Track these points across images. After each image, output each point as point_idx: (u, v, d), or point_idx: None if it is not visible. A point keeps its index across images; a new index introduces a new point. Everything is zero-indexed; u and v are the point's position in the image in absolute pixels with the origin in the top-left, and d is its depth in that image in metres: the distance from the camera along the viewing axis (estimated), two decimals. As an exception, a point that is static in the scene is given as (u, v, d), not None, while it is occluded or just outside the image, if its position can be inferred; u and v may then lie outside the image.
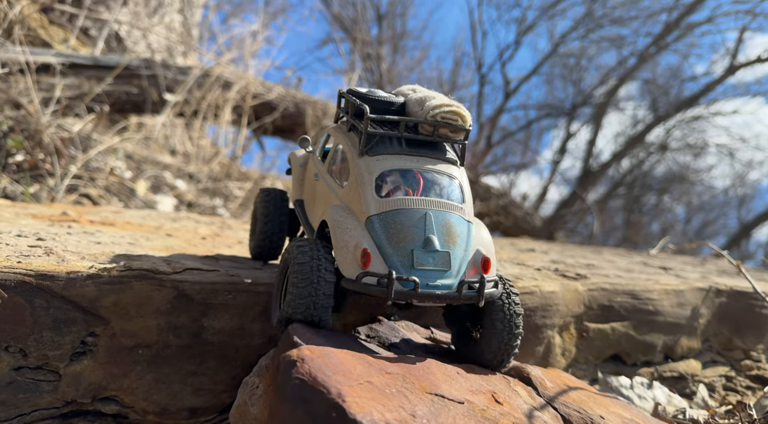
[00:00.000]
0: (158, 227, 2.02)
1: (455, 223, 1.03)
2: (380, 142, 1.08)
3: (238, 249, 1.73)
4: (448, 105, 1.07)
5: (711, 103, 8.91)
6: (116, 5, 4.28)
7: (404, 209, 1.01)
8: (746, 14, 8.20)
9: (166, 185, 3.51)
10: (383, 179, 1.04)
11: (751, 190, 10.51)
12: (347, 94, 1.17)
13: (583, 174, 9.35)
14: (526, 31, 9.02)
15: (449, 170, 1.09)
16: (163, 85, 3.78)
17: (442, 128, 1.08)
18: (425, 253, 0.98)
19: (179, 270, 1.18)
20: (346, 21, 9.34)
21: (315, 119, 4.34)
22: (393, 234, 0.99)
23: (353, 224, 1.02)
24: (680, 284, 1.96)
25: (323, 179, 1.21)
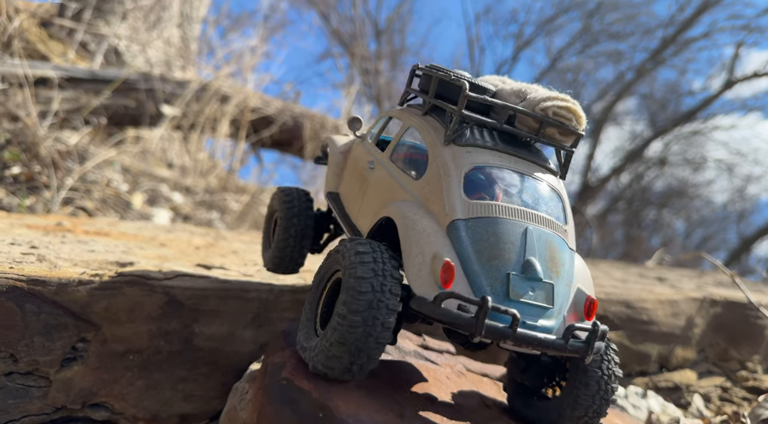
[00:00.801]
0: (153, 238, 2.03)
1: (559, 248, 0.82)
2: (471, 133, 0.87)
3: (231, 259, 1.73)
4: (563, 99, 0.87)
5: (709, 118, 8.97)
6: (115, 20, 4.34)
7: (500, 219, 0.80)
8: (742, 29, 8.30)
9: (162, 198, 3.52)
10: (475, 176, 0.84)
11: (751, 204, 10.52)
12: (430, 68, 0.95)
13: (582, 188, 9.38)
14: (523, 46, 9.12)
15: (552, 181, 0.89)
16: (161, 98, 3.82)
17: (551, 127, 0.87)
18: (524, 280, 0.77)
19: (171, 276, 1.19)
20: (344, 36, 9.45)
21: (313, 133, 4.37)
22: (484, 248, 0.78)
23: (432, 227, 0.80)
24: (675, 294, 1.96)
25: (383, 168, 0.98)
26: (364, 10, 9.53)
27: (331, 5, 9.53)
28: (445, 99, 0.89)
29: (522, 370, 0.94)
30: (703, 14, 8.19)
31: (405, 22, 9.95)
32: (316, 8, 9.40)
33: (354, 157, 1.11)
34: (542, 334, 0.75)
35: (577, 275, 0.84)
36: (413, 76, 1.01)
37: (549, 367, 0.93)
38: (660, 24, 8.53)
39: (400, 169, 0.94)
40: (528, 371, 0.94)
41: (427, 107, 0.94)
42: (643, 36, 8.66)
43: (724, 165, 9.46)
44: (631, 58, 8.75)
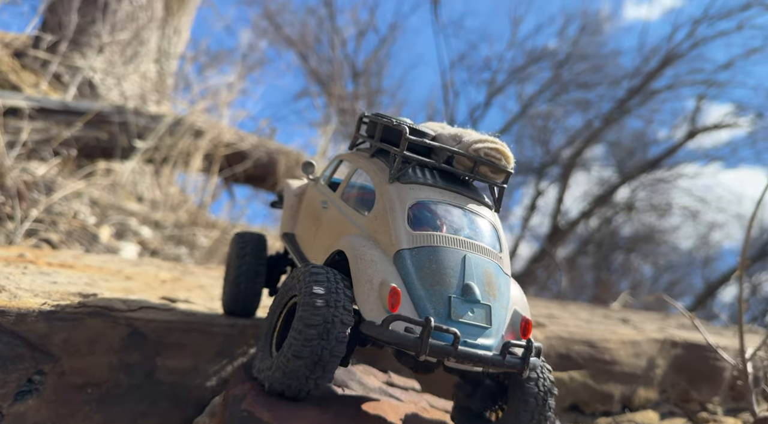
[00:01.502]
0: (118, 271, 2.00)
1: (495, 273, 0.89)
2: (412, 171, 0.95)
3: (198, 293, 1.71)
4: (492, 141, 0.96)
5: (673, 166, 9.33)
6: (92, 53, 4.35)
7: (441, 247, 0.86)
8: (703, 83, 8.76)
9: (130, 232, 3.47)
10: (418, 210, 0.91)
11: (715, 251, 10.84)
12: (375, 115, 1.05)
13: (552, 231, 9.56)
14: (495, 92, 9.43)
15: (486, 214, 0.97)
16: (134, 131, 3.81)
17: (483, 166, 0.96)
18: (464, 302, 0.83)
19: (135, 308, 1.18)
20: (322, 76, 9.63)
21: (288, 169, 4.39)
22: (427, 275, 0.83)
23: (379, 256, 0.86)
24: (637, 334, 2.00)
25: (335, 206, 1.05)
26: (342, 52, 9.78)
27: (310, 46, 9.76)
28: (389, 142, 0.98)
29: (468, 394, 0.99)
30: (666, 68, 8.63)
31: (382, 65, 10.22)
32: (296, 48, 9.61)
33: (308, 199, 1.20)
34: (482, 351, 0.81)
35: (513, 298, 0.91)
36: (361, 123, 1.10)
37: (492, 390, 0.98)
38: (626, 75, 8.95)
39: (350, 206, 1.01)
40: (473, 395, 0.98)
41: (373, 150, 1.03)
42: (610, 86, 9.06)
43: (689, 212, 9.78)
44: (599, 106, 9.11)
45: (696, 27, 8.47)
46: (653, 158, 9.19)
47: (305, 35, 9.69)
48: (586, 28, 9.32)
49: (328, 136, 5.40)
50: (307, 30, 9.76)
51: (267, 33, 9.55)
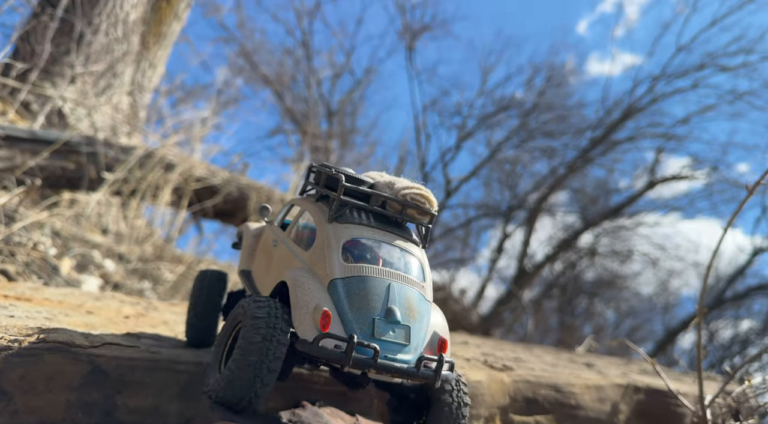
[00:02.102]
0: (79, 305, 1.93)
1: (416, 299, 1.03)
2: (350, 213, 1.09)
3: (162, 329, 1.67)
4: (417, 188, 1.11)
5: (634, 214, 9.64)
6: (63, 83, 4.31)
7: (369, 277, 1.00)
8: (662, 136, 9.17)
9: (93, 265, 3.37)
10: (351, 246, 1.04)
11: (674, 298, 11.12)
12: (320, 166, 1.20)
13: (518, 274, 9.67)
14: (466, 137, 9.66)
15: (412, 249, 1.11)
16: (102, 163, 3.75)
17: (410, 209, 1.11)
18: (386, 323, 0.96)
19: (97, 344, 1.14)
20: (297, 115, 9.73)
21: (258, 204, 4.37)
22: (355, 300, 0.97)
23: (315, 285, 1.00)
24: (601, 379, 2.03)
25: (284, 244, 1.20)
26: (317, 91, 9.92)
27: (286, 85, 9.87)
28: (331, 189, 1.14)
29: (395, 409, 1.14)
30: (627, 120, 9.03)
31: (356, 106, 10.40)
32: (271, 87, 9.71)
33: (263, 239, 1.36)
34: (399, 364, 0.95)
35: (434, 321, 1.05)
36: (309, 172, 1.27)
37: (417, 404, 1.12)
38: (589, 126, 9.31)
39: (296, 244, 1.15)
40: (399, 410, 1.13)
41: (318, 195, 1.18)
42: (574, 136, 9.40)
43: (649, 259, 10.06)
44: (564, 154, 9.42)
45: (655, 84, 8.94)
46: (615, 206, 9.49)
47: (281, 74, 9.83)
48: (552, 80, 9.73)
49: (300, 173, 5.41)
50: (283, 69, 9.90)
51: (243, 71, 9.66)
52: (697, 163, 9.11)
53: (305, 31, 9.87)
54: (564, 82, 9.85)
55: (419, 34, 9.80)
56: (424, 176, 9.58)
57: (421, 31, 9.80)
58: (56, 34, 4.32)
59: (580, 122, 9.46)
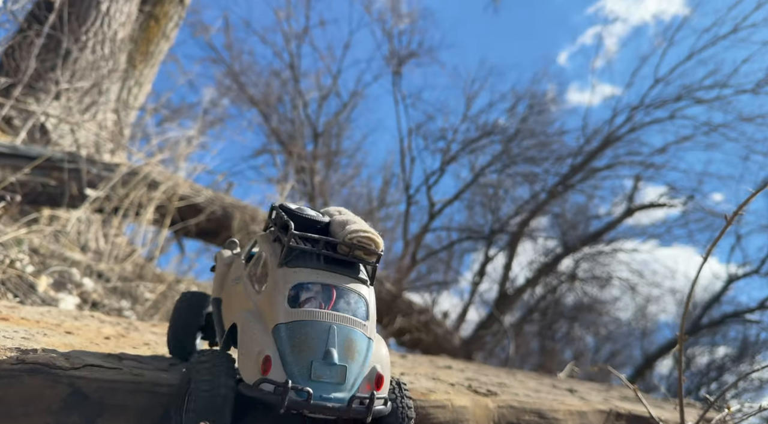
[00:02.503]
0: (58, 324, 1.89)
1: (357, 339, 1.09)
2: (300, 256, 1.15)
3: (143, 350, 1.64)
4: (365, 231, 1.18)
5: (613, 240, 9.77)
6: (47, 98, 4.28)
7: (311, 321, 1.06)
8: (639, 165, 9.37)
9: (71, 283, 3.30)
10: (297, 290, 1.11)
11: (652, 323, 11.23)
12: (278, 208, 1.26)
13: (500, 297, 9.69)
14: (449, 161, 9.76)
15: (359, 289, 1.17)
16: (85, 179, 3.71)
17: (357, 250, 1.17)
18: (323, 365, 1.03)
19: (78, 366, 1.12)
20: (283, 135, 9.74)
21: (242, 224, 4.34)
22: (296, 344, 1.04)
23: (260, 330, 1.07)
24: (584, 405, 2.04)
25: (243, 283, 1.26)
26: (304, 113, 9.96)
27: (273, 106, 9.90)
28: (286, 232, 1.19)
29: None
30: (606, 148, 9.21)
31: (342, 127, 10.45)
32: (258, 107, 9.73)
33: (232, 270, 1.42)
34: (332, 403, 1.01)
35: (374, 357, 1.11)
36: (272, 209, 1.31)
37: None
38: (570, 153, 9.48)
39: (252, 284, 1.21)
40: None
41: (273, 237, 1.24)
42: (555, 162, 9.55)
43: (628, 284, 10.17)
44: (545, 180, 9.55)
45: (633, 113, 9.16)
46: (594, 232, 9.63)
47: (268, 95, 9.86)
48: (533, 108, 9.92)
49: (284, 193, 5.41)
50: (270, 90, 9.94)
51: (230, 91, 9.67)
52: (673, 191, 9.32)
53: (293, 53, 9.96)
54: (545, 110, 10.05)
55: (405, 60, 9.94)
56: (408, 199, 9.63)
57: (408, 57, 9.95)
58: (42, 50, 4.30)
59: (561, 149, 9.64)
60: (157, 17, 5.23)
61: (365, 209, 10.08)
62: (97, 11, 4.69)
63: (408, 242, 9.24)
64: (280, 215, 1.22)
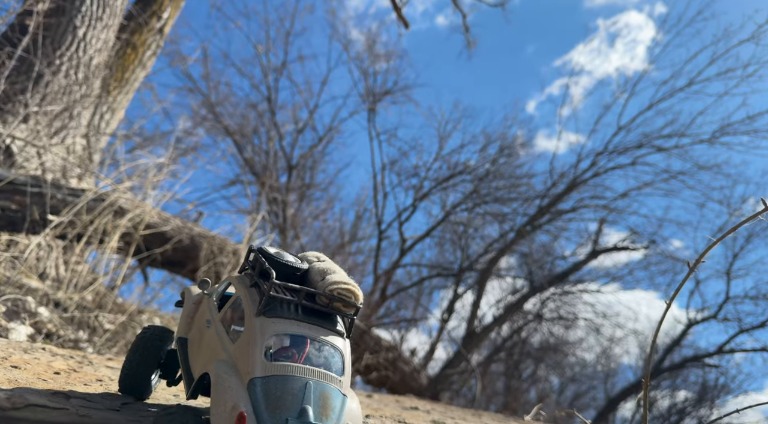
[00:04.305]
0: (5, 357, 1.82)
1: (332, 395, 1.08)
2: (278, 306, 1.14)
3: (95, 387, 1.59)
4: (345, 283, 1.17)
5: (578, 281, 9.94)
6: (15, 120, 4.21)
7: (287, 376, 1.04)
8: (603, 209, 9.63)
9: (25, 312, 3.19)
10: (274, 343, 1.09)
11: (615, 365, 11.35)
12: (257, 252, 1.24)
13: (468, 335, 9.68)
14: (422, 197, 9.86)
15: (335, 342, 1.16)
16: (48, 204, 3.63)
17: (337, 303, 1.16)
18: (299, 423, 1.01)
19: (19, 406, 1.08)
20: (256, 166, 9.72)
21: (210, 254, 4.27)
22: (272, 400, 1.00)
23: (235, 383, 1.04)
24: (543, 451, 2.04)
25: (215, 328, 1.23)
26: (279, 145, 9.98)
27: (248, 137, 9.90)
28: (265, 278, 1.18)
29: None
30: (572, 191, 9.45)
31: (316, 161, 10.48)
32: (233, 137, 9.71)
33: (201, 310, 1.37)
34: None
35: (348, 413, 1.09)
36: (249, 251, 1.28)
37: None
38: (537, 195, 9.69)
39: (225, 331, 1.18)
40: None
41: (251, 282, 1.21)
42: (523, 203, 9.74)
43: (592, 325, 10.30)
44: (513, 220, 9.71)
45: (597, 159, 9.45)
46: (560, 272, 9.79)
47: (244, 126, 9.87)
48: (503, 150, 10.15)
49: (255, 224, 5.37)
50: (246, 122, 9.95)
51: (205, 120, 9.65)
52: (635, 235, 9.58)
53: (270, 87, 10.03)
54: (515, 153, 10.29)
55: (381, 98, 10.11)
56: (380, 234, 9.64)
57: (383, 95, 10.12)
58: (13, 72, 4.24)
59: (529, 191, 9.85)
60: (134, 45, 5.24)
61: (336, 243, 10.05)
62: (73, 36, 4.68)
63: (378, 277, 9.21)
64: (260, 261, 1.19)
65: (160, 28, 5.52)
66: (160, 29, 5.52)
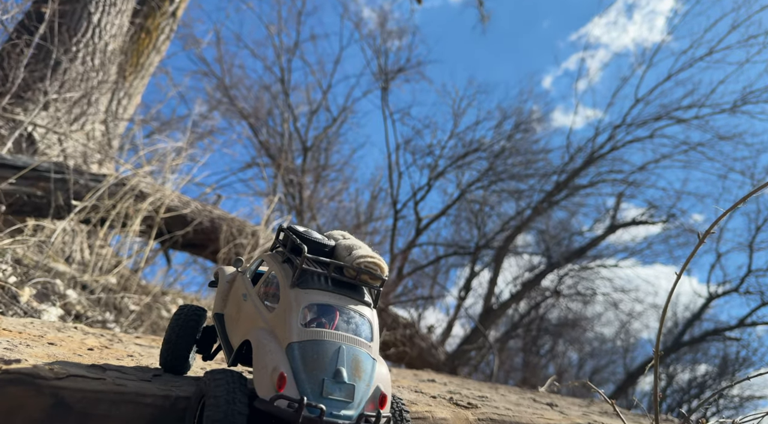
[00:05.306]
0: (41, 335, 1.89)
1: (363, 359, 1.15)
2: (310, 278, 1.22)
3: (127, 361, 1.65)
4: (371, 256, 1.25)
5: (596, 257, 9.88)
6: (35, 108, 4.28)
7: (322, 341, 1.13)
8: (621, 183, 9.52)
9: (55, 294, 3.28)
10: (308, 311, 1.17)
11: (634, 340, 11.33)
12: (288, 230, 1.33)
13: (485, 312, 9.73)
14: (437, 176, 9.84)
15: (363, 311, 1.24)
16: (71, 190, 3.70)
17: (364, 275, 1.24)
18: (334, 383, 1.09)
19: (62, 376, 1.13)
20: (272, 149, 9.77)
21: (230, 236, 4.34)
22: (309, 362, 1.10)
23: (275, 347, 1.12)
24: (563, 419, 2.07)
25: (252, 301, 1.32)
26: (293, 127, 10.01)
27: (262, 119, 9.94)
28: (296, 254, 1.27)
29: None
30: (589, 166, 9.35)
31: (331, 142, 10.51)
32: (247, 120, 9.76)
33: (236, 287, 1.46)
34: (342, 420, 1.07)
35: (377, 377, 1.18)
36: (279, 231, 1.38)
37: None
38: (554, 170, 9.61)
39: (262, 302, 1.27)
40: None
41: (284, 258, 1.30)
42: (539, 179, 9.68)
43: (611, 301, 10.27)
44: (530, 197, 9.66)
45: (615, 132, 9.33)
46: (578, 248, 9.73)
47: (258, 109, 9.91)
48: (519, 126, 10.06)
49: (272, 206, 5.42)
50: (260, 104, 9.99)
51: (220, 104, 9.70)
52: (653, 209, 9.47)
53: (284, 67, 10.03)
54: (531, 128, 10.20)
55: (394, 76, 10.05)
56: (395, 214, 9.67)
57: (396, 73, 10.06)
58: (31, 60, 4.30)
59: (546, 167, 9.77)
60: (148, 30, 5.27)
61: (353, 224, 10.11)
62: (88, 22, 4.71)
63: (395, 257, 9.27)
64: (291, 238, 1.29)
65: (172, 11, 5.53)
66: (173, 13, 5.54)
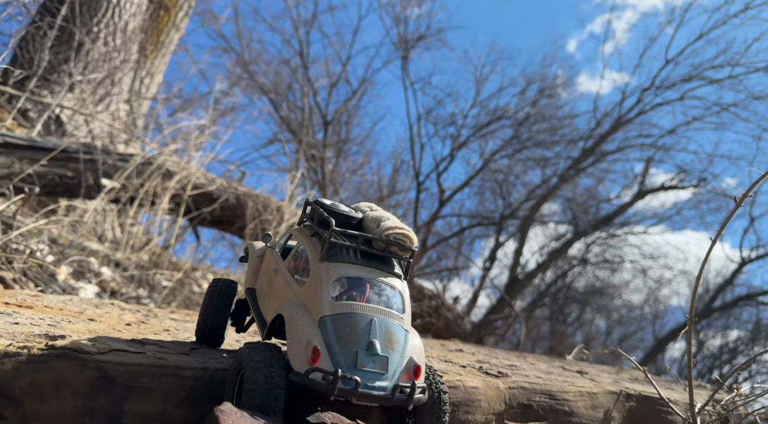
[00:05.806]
0: (81, 312, 1.96)
1: (395, 330, 1.15)
2: (339, 251, 1.21)
3: (164, 336, 1.70)
4: (400, 228, 1.23)
5: (624, 224, 9.72)
6: (61, 90, 4.33)
7: (354, 314, 1.13)
8: (650, 147, 9.28)
9: (90, 272, 3.38)
10: (338, 285, 1.17)
11: (664, 306, 11.21)
12: (314, 204, 1.32)
13: (510, 282, 9.71)
14: (459, 146, 9.73)
15: (394, 283, 1.23)
16: (100, 170, 3.77)
17: (393, 247, 1.23)
18: (368, 355, 1.09)
19: (104, 350, 1.17)
20: (293, 124, 9.77)
21: (255, 212, 4.39)
22: (342, 335, 1.10)
23: (308, 321, 1.13)
24: (594, 386, 2.07)
25: (283, 275, 1.32)
26: (313, 101, 9.97)
27: (282, 94, 9.92)
28: (324, 227, 1.26)
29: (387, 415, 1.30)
30: (617, 131, 9.13)
31: (351, 115, 10.46)
32: (268, 96, 9.75)
33: (266, 262, 1.47)
34: (377, 391, 1.09)
35: (411, 348, 1.18)
36: (306, 205, 1.38)
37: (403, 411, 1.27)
38: (581, 136, 9.41)
39: (292, 276, 1.28)
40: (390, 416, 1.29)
41: (312, 231, 1.29)
42: (566, 146, 9.49)
43: (639, 268, 10.14)
44: (556, 164, 9.50)
45: (643, 95, 9.06)
46: (606, 216, 9.58)
47: (278, 84, 9.88)
48: (543, 92, 9.83)
49: (295, 181, 5.45)
50: (280, 79, 9.96)
51: (241, 80, 9.70)
52: (684, 173, 9.23)
53: (302, 40, 9.95)
54: (555, 94, 9.97)
55: (414, 44, 9.89)
56: (418, 186, 9.63)
57: (416, 41, 9.89)
58: (55, 42, 4.34)
59: (572, 133, 9.57)
60: (167, 7, 5.26)
61: (375, 197, 10.11)
62: (107, 2, 4.72)
63: (418, 229, 9.27)
64: (318, 212, 1.28)
65: (189, -13, 5.49)
66: (190, -11, 5.50)
